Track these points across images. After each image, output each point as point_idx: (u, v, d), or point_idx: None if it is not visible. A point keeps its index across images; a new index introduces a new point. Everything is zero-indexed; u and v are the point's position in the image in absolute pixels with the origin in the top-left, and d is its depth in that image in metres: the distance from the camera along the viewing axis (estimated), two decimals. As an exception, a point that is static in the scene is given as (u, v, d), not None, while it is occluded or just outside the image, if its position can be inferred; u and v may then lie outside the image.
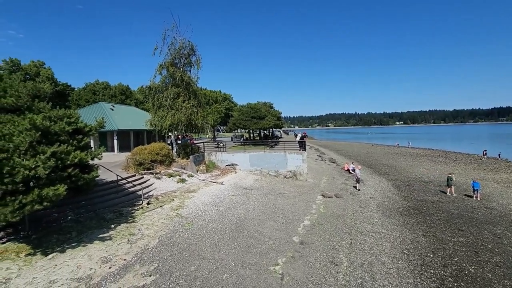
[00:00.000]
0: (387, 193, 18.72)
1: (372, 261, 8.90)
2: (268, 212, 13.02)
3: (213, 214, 12.10)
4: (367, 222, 12.82)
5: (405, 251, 9.95)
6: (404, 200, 17.12)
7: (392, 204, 16.09)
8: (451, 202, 16.38)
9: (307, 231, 10.94)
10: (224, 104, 57.37)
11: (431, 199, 17.07)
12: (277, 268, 7.85)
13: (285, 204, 14.49)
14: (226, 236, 9.81)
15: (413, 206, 15.78)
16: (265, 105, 55.33)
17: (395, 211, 14.86)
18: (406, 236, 11.39)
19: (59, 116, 9.09)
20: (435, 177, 24.18)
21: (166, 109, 20.84)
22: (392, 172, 27.22)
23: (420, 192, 19.04)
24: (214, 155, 23.64)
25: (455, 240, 10.99)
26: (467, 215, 14.03)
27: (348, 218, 13.19)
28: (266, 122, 42.65)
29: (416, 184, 21.35)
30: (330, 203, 15.54)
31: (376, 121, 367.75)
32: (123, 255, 7.91)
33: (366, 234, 11.28)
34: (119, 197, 13.03)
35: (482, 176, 24.37)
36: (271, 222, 11.68)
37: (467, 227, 12.31)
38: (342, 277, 7.79)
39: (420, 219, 13.58)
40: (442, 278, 8.19)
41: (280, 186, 18.62)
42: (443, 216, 13.95)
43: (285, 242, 9.72)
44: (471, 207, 15.35)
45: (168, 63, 21.06)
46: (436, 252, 9.90)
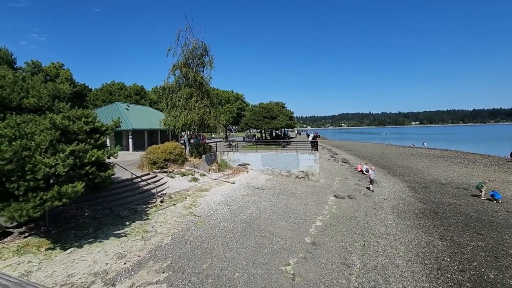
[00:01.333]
0: (402, 195, 18.29)
1: (386, 264, 8.73)
2: (280, 212, 12.99)
3: (225, 213, 12.19)
4: (380, 224, 12.58)
5: (420, 254, 9.70)
6: (420, 202, 16.67)
7: (407, 206, 15.70)
8: (470, 205, 15.82)
9: (319, 232, 10.85)
10: (236, 104, 57.60)
11: (449, 202, 16.55)
12: (289, 268, 7.83)
13: (297, 204, 14.42)
14: (238, 235, 9.86)
15: (429, 208, 15.35)
16: (277, 105, 55.18)
17: (410, 213, 14.50)
18: (421, 239, 11.10)
19: (77, 116, 9.40)
20: (452, 179, 23.42)
21: (179, 109, 21.16)
22: (407, 173, 26.56)
23: (436, 194, 18.50)
24: (226, 154, 23.80)
25: (473, 244, 10.62)
26: (487, 218, 13.52)
27: (361, 219, 12.98)
28: (278, 122, 42.54)
29: (433, 186, 20.75)
30: (343, 204, 15.33)
31: (391, 121, 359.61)
32: (137, 251, 8.10)
33: (380, 236, 11.07)
34: (134, 195, 13.34)
35: (504, 178, 23.40)
36: (282, 222, 11.65)
37: (487, 231, 11.86)
38: (355, 279, 7.68)
39: (436, 222, 13.19)
40: (459, 283, 7.94)
41: (292, 186, 18.53)
42: (461, 219, 13.49)
43: (296, 242, 9.68)
44: (492, 210, 14.78)
45: (181, 64, 21.37)
46: (454, 256, 9.59)
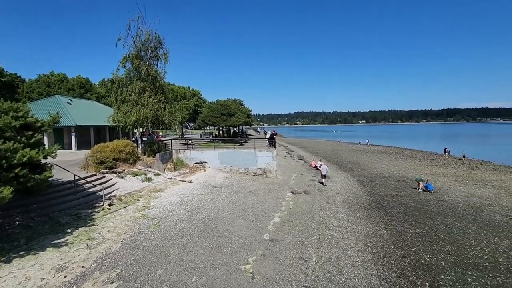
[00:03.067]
0: (352, 189, 19.60)
1: (339, 255, 9.21)
2: (238, 210, 12.91)
3: (181, 214, 11.69)
4: (334, 217, 13.28)
5: (369, 244, 10.45)
6: (367, 195, 18.04)
7: (357, 199, 16.86)
8: (409, 196, 17.59)
9: (277, 228, 11.02)
10: (193, 101, 55.95)
11: (391, 194, 18.19)
12: (248, 267, 7.78)
13: (255, 202, 14.49)
14: (195, 237, 9.52)
15: (375, 200, 16.68)
16: (235, 102, 55.03)
17: (360, 205, 15.58)
18: (369, 229, 11.98)
19: (3, 110, 8.10)
20: (394, 172, 25.84)
21: (130, 104, 19.73)
22: (356, 168, 28.58)
23: (381, 187, 20.21)
24: (183, 152, 22.94)
25: (412, 231, 11.79)
26: (422, 207, 15.16)
27: (316, 214, 13.55)
28: (236, 119, 42.40)
29: (378, 180, 22.63)
30: (299, 199, 15.85)
31: (341, 119, 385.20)
32: (80, 262, 7.29)
33: (333, 229, 11.67)
34: (77, 199, 12.06)
35: (434, 171, 26.57)
36: (241, 220, 11.59)
37: (423, 219, 13.29)
38: (311, 272, 7.95)
39: (382, 212, 14.38)
40: (402, 268, 8.73)
41: (250, 184, 18.60)
42: (402, 209, 14.92)
43: (255, 240, 9.69)
44: (426, 200, 16.62)
45: (133, 56, 19.91)
46: (397, 244, 10.53)
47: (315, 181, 21.34)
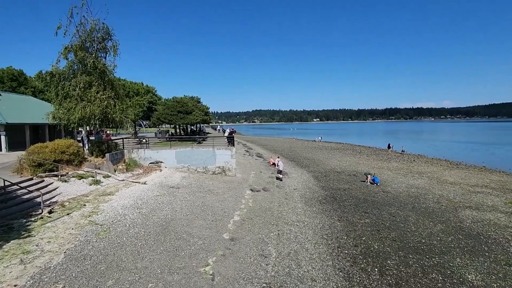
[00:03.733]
0: (308, 184, 20.43)
1: (298, 249, 9.51)
2: (197, 210, 12.57)
3: (134, 217, 10.96)
4: (292, 212, 13.69)
5: (324, 236, 10.98)
6: (322, 189, 18.97)
7: (313, 194, 17.62)
8: (359, 189, 18.94)
9: (237, 227, 10.97)
10: (147, 97, 52.91)
11: (344, 187, 19.40)
12: (208, 268, 7.60)
13: (215, 201, 14.25)
14: (151, 241, 9.01)
15: (329, 194, 17.62)
16: (192, 99, 53.49)
17: (315, 200, 16.31)
18: (325, 222, 12.60)
19: None
20: (345, 167, 27.61)
21: (74, 100, 17.90)
22: (312, 164, 29.89)
23: (334, 181, 21.43)
24: (136, 152, 21.58)
25: (362, 221, 12.71)
26: (370, 199, 16.44)
27: (275, 210, 13.83)
28: (193, 117, 41.26)
29: (331, 175, 23.95)
30: (258, 196, 16.01)
31: (297, 118, 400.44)
32: (13, 280, 6.38)
33: (292, 224, 12.02)
34: (8, 207, 10.56)
35: (380, 165, 29.04)
36: (200, 221, 11.29)
37: (371, 210, 14.41)
38: (271, 268, 8.06)
39: (335, 205, 15.24)
40: (354, 257, 9.34)
41: (209, 183, 18.25)
42: (353, 201, 15.98)
43: (215, 240, 9.51)
44: (373, 192, 18.06)
45: (76, 46, 18.07)
46: (349, 234, 11.25)
47: (274, 178, 21.77)
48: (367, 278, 8.04)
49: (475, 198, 16.38)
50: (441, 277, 8.11)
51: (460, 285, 7.71)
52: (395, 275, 8.22)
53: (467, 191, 18.03)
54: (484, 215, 13.48)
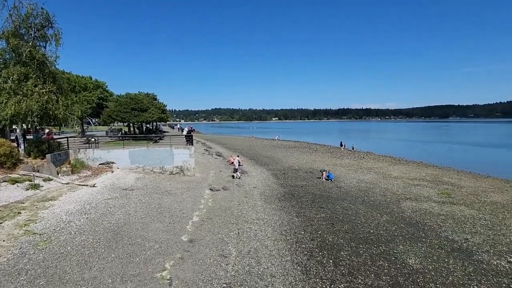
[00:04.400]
0: (268, 182, 20.81)
1: (258, 247, 9.62)
2: (153, 213, 11.97)
3: (81, 224, 10.04)
4: (252, 210, 13.80)
5: (283, 232, 11.28)
6: (281, 187, 19.47)
7: (272, 192, 17.98)
8: (315, 185, 19.84)
9: (196, 228, 10.71)
10: (97, 93, 48.76)
11: (301, 184, 20.15)
12: (165, 273, 7.28)
13: (172, 202, 13.73)
14: (101, 248, 8.33)
15: (288, 191, 18.15)
16: (147, 96, 50.72)
17: (274, 197, 16.67)
18: (284, 218, 12.94)
19: None
20: (303, 165, 28.72)
21: (6, 93, 15.74)
22: (271, 162, 30.51)
23: (292, 178, 22.15)
24: (83, 152, 19.79)
25: (318, 216, 13.33)
26: (326, 194, 17.34)
27: (235, 209, 13.80)
28: (149, 115, 39.30)
29: (290, 172, 24.72)
30: (218, 196, 15.83)
31: (256, 116, 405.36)
32: None
33: (252, 222, 12.11)
34: None
35: (333, 162, 30.81)
36: (156, 223, 10.77)
37: (326, 204, 15.19)
38: (232, 268, 8.03)
39: (293, 202, 15.75)
40: (311, 250, 9.75)
41: (166, 184, 17.53)
42: (310, 197, 16.68)
43: (173, 243, 9.16)
44: (328, 188, 19.08)
45: (8, 33, 15.89)
46: (306, 229, 11.71)
47: (238, 176, 21.72)
48: (322, 269, 8.46)
49: (414, 190, 18.27)
50: (387, 263, 8.87)
51: (402, 269, 8.52)
52: (348, 265, 8.78)
53: (407, 184, 20.03)
54: (421, 205, 15.10)
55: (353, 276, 8.10)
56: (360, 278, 8.03)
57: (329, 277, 8.04)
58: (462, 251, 9.78)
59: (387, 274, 8.24)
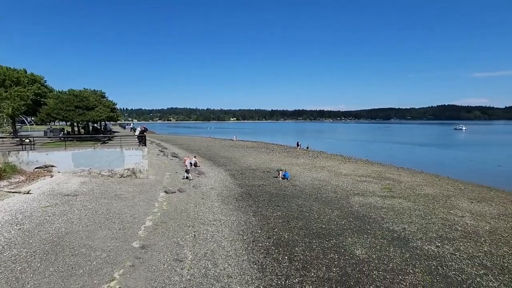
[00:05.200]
0: (225, 182, 20.70)
1: (214, 249, 9.52)
2: (100, 219, 11.09)
3: (12, 236, 8.87)
4: (209, 212, 13.59)
5: (240, 232, 11.32)
6: (239, 187, 19.53)
7: (229, 192, 17.94)
8: (272, 184, 20.30)
9: (149, 233, 10.20)
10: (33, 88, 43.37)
11: (258, 184, 20.44)
12: (113, 283, 6.79)
13: (123, 207, 12.88)
14: (36, 263, 7.45)
15: (245, 191, 18.27)
16: (94, 93, 46.77)
17: (232, 198, 16.65)
18: (241, 218, 13.00)
19: None
20: (260, 165, 29.18)
21: None
22: (229, 163, 30.41)
23: (250, 178, 22.36)
24: (15, 155, 17.51)
25: (275, 214, 13.67)
26: (282, 193, 17.86)
27: (192, 211, 13.47)
28: (96, 114, 36.30)
29: (247, 172, 24.91)
30: (173, 198, 15.28)
31: (214, 116, 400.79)
32: None
33: (209, 223, 11.94)
34: None
35: (290, 161, 31.89)
36: (104, 231, 10.00)
37: (282, 203, 15.65)
38: (187, 272, 7.82)
39: (251, 202, 15.91)
40: (267, 248, 9.95)
41: (116, 187, 16.38)
42: (267, 196, 17.02)
43: (123, 250, 8.59)
44: (284, 186, 19.68)
45: None
46: (263, 227, 11.92)
47: (190, 177, 21.17)
48: (278, 266, 8.70)
49: (361, 186, 19.80)
50: (337, 255, 9.47)
51: (350, 260, 9.17)
52: (302, 260, 9.16)
53: (355, 181, 21.62)
54: (367, 199, 16.43)
55: (306, 270, 8.48)
56: (313, 271, 8.44)
57: (284, 273, 8.30)
58: (401, 239, 10.88)
59: (337, 266, 8.80)
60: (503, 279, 8.14)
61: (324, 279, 8.02)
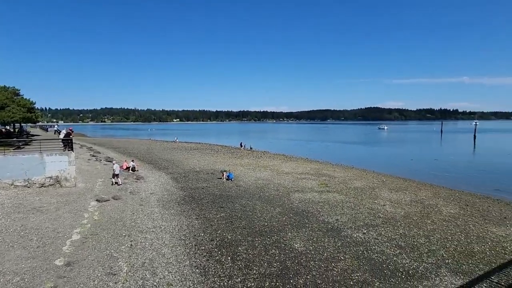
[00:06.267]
0: (167, 186, 19.78)
1: (153, 257, 9.02)
2: (13, 238, 9.54)
3: None
4: (148, 218, 12.82)
5: (182, 237, 10.96)
6: (181, 190, 18.87)
7: (171, 196, 17.20)
8: (216, 186, 20.14)
9: (76, 248, 9.14)
10: None
11: (202, 186, 20.07)
12: (29, 310, 5.91)
13: (43, 221, 11.29)
14: None
15: (188, 194, 17.75)
16: (5, 90, 39.82)
17: (174, 202, 16.00)
18: (183, 223, 12.58)
19: None
20: (204, 166, 28.69)
21: None
22: (171, 166, 29.15)
23: (193, 181, 21.81)
24: None
25: (218, 216, 13.60)
26: (226, 194, 17.86)
27: (128, 219, 12.52)
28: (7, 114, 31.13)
29: (191, 175, 24.25)
30: (107, 207, 13.99)
31: (156, 117, 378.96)
32: None
33: (147, 231, 11.26)
34: None
35: (234, 162, 32.10)
36: (17, 251, 8.63)
37: (226, 204, 15.66)
38: (121, 285, 7.24)
39: (194, 205, 15.52)
40: (210, 251, 9.84)
41: (35, 199, 14.28)
42: (210, 198, 16.81)
43: (42, 271, 7.53)
44: (228, 187, 19.72)
45: None
46: (206, 230, 11.75)
47: (127, 183, 19.66)
48: (221, 268, 8.68)
49: (301, 183, 21.06)
50: (278, 251, 9.89)
51: (290, 254, 9.68)
52: (245, 259, 9.32)
53: (296, 178, 22.89)
54: (306, 195, 17.54)
55: (249, 269, 8.66)
56: (255, 268, 8.66)
57: (227, 274, 8.33)
58: (334, 230, 11.91)
59: (278, 261, 9.19)
60: (413, 255, 9.58)
61: (266, 275, 8.30)
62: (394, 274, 8.36)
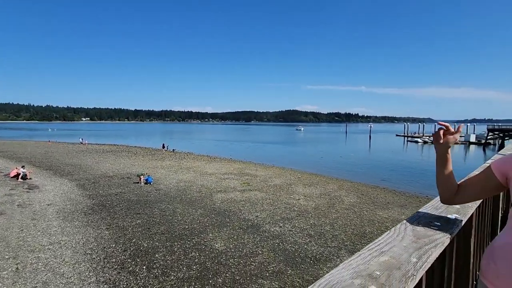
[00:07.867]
0: (70, 195, 17.15)
1: (48, 279, 7.70)
2: None
3: None
4: (42, 235, 10.86)
5: (88, 251, 9.69)
6: (89, 198, 16.65)
7: (75, 206, 15.00)
8: (132, 191, 18.51)
9: None
10: None
11: (115, 192, 18.15)
12: None
13: None
14: None
15: (98, 202, 15.80)
16: None
17: (79, 212, 14.00)
18: (90, 235, 11.14)
19: None
20: (119, 170, 26.00)
21: None
22: (77, 171, 25.38)
23: (105, 187, 19.52)
24: None
25: (133, 223, 12.54)
26: (143, 199, 16.61)
27: (14, 238, 10.36)
28: None
29: (102, 180, 21.63)
30: (-17, 226, 11.25)
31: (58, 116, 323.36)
32: None
33: (41, 250, 9.53)
34: None
35: (154, 164, 30.12)
36: None
37: (143, 210, 14.57)
38: (1, 319, 5.95)
39: (104, 213, 13.91)
40: (122, 262, 9.00)
41: None
42: (125, 205, 15.36)
43: None
44: (147, 192, 18.39)
45: None
46: (118, 240, 10.69)
47: (15, 195, 16.24)
48: (134, 279, 8.04)
49: (224, 183, 21.26)
50: (198, 253, 9.75)
51: (210, 254, 9.67)
52: (162, 265, 8.87)
53: (219, 179, 22.98)
54: (228, 195, 17.81)
55: (166, 275, 8.28)
56: (173, 274, 8.33)
57: (141, 284, 7.78)
58: (254, 226, 12.46)
59: (198, 263, 9.07)
60: (320, 242, 10.85)
61: (184, 279, 8.09)
62: (304, 261, 9.29)
